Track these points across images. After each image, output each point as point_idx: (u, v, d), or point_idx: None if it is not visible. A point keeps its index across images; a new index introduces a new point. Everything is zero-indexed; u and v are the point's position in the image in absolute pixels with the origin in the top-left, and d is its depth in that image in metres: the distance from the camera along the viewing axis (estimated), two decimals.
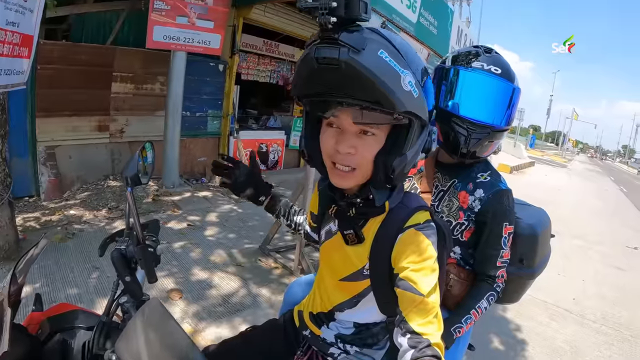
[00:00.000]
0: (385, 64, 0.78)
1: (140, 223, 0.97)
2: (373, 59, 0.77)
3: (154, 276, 0.95)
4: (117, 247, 0.96)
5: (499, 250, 1.39)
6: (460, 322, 1.35)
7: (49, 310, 1.09)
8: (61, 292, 2.86)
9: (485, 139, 1.37)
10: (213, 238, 4.20)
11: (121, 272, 0.94)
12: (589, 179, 22.00)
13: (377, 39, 0.80)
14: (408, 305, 0.87)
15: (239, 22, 6.47)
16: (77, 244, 3.65)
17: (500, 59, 1.40)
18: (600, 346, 3.31)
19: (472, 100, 1.36)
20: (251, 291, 3.23)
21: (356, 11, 0.74)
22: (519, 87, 1.40)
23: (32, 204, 4.68)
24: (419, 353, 0.79)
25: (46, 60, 4.71)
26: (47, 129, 4.93)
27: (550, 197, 10.63)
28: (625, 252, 6.66)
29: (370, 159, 0.90)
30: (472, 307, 1.37)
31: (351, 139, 0.90)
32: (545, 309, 3.81)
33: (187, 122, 6.24)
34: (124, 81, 5.61)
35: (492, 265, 1.40)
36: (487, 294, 1.39)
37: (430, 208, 1.02)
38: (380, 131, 0.89)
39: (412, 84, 0.82)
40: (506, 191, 1.40)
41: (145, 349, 0.71)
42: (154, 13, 5.00)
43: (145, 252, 0.94)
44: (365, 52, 0.76)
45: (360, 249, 1.02)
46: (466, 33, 11.68)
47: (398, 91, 0.79)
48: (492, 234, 1.39)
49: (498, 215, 1.38)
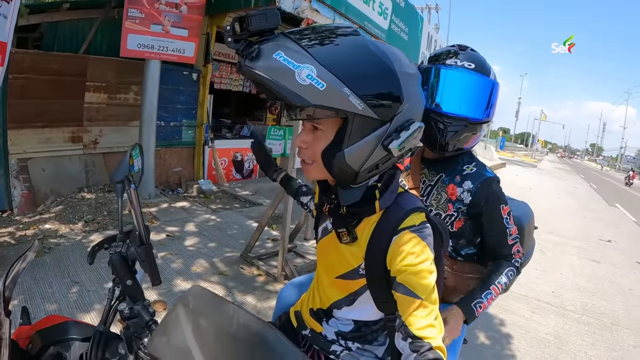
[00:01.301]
0: (278, 64, 0.79)
1: (144, 223, 0.95)
2: (265, 62, 0.79)
3: (158, 278, 0.94)
4: (115, 251, 0.93)
5: (506, 230, 1.43)
6: (481, 297, 1.39)
7: (38, 324, 1.05)
8: (40, 307, 2.77)
9: (462, 131, 1.42)
10: (193, 248, 4.14)
11: (122, 276, 0.91)
12: (559, 177, 22.69)
13: (277, 42, 0.81)
14: (407, 309, 0.88)
15: (212, 31, 6.46)
16: (54, 258, 3.54)
17: (474, 55, 1.44)
18: (583, 335, 3.42)
19: (446, 94, 1.40)
20: (236, 299, 3.19)
21: (250, 27, 0.79)
22: (494, 81, 1.44)
23: (6, 219, 4.53)
24: (420, 357, 0.80)
25: (17, 70, 4.60)
26: (19, 141, 4.80)
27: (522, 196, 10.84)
28: (599, 245, 6.92)
29: (319, 155, 0.92)
30: (492, 282, 1.41)
31: (305, 134, 0.95)
32: (526, 303, 3.92)
33: (162, 132, 6.19)
34: (97, 91, 5.52)
35: (504, 246, 1.45)
36: (506, 270, 1.43)
37: (427, 209, 1.03)
38: (326, 126, 0.90)
39: (312, 77, 0.79)
40: (493, 178, 1.44)
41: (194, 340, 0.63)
42: (128, 21, 4.95)
43: (149, 253, 0.92)
44: (260, 58, 0.79)
45: (355, 248, 1.02)
46: (436, 39, 11.97)
47: (294, 87, 0.78)
48: (493, 220, 1.42)
49: (491, 201, 1.42)
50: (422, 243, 0.93)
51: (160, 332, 0.73)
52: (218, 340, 0.64)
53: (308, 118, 0.91)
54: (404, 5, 8.93)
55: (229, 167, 7.61)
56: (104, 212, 4.83)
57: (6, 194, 4.73)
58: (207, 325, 0.66)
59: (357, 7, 6.97)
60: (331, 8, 6.22)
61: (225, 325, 0.64)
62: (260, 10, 0.80)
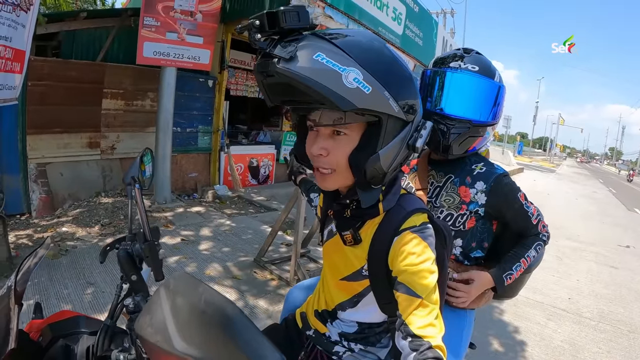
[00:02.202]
0: (322, 66, 0.78)
1: (148, 221, 0.97)
2: (306, 64, 0.77)
3: (161, 274, 0.96)
4: (123, 247, 0.96)
5: (528, 213, 1.46)
6: (511, 269, 1.43)
7: (50, 318, 1.08)
8: (56, 308, 2.83)
9: (465, 133, 1.42)
10: (207, 252, 4.18)
11: (127, 271, 0.94)
12: (578, 182, 22.29)
13: (314, 43, 0.81)
14: (407, 308, 0.88)
15: (227, 38, 6.56)
16: (71, 260, 3.62)
17: (479, 58, 1.44)
18: (599, 343, 3.33)
19: (449, 97, 1.41)
20: (248, 303, 3.21)
21: (282, 23, 0.77)
22: (499, 83, 1.44)
23: (24, 222, 4.65)
24: (420, 356, 0.80)
25: (37, 77, 4.73)
26: (38, 146, 4.93)
27: (540, 202, 10.73)
28: (617, 251, 6.75)
29: (344, 160, 0.91)
30: (521, 255, 1.44)
31: (323, 141, 0.91)
32: (542, 310, 3.84)
33: (178, 138, 6.29)
34: (114, 97, 5.64)
35: (531, 227, 1.47)
36: (534, 244, 1.46)
37: (429, 210, 1.02)
38: (351, 131, 0.90)
39: (358, 80, 0.80)
40: (503, 173, 1.45)
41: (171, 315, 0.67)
42: (144, 29, 5.05)
43: (153, 249, 0.94)
44: (298, 58, 0.77)
45: (359, 250, 1.03)
46: (451, 43, 11.89)
47: (340, 90, 0.79)
48: (515, 211, 1.45)
49: (509, 195, 1.44)
50: (423, 243, 0.93)
51: (144, 312, 0.75)
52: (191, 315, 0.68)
53: (335, 123, 0.88)
54: (418, 10, 8.92)
55: (245, 172, 7.66)
56: (120, 216, 4.91)
57: (25, 198, 4.85)
58: (182, 303, 0.70)
59: (370, 13, 6.98)
60: (344, 14, 6.24)
61: (196, 302, 0.68)
62: (291, 7, 0.77)
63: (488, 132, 1.50)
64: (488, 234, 1.50)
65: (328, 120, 0.89)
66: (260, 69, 0.82)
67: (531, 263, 1.46)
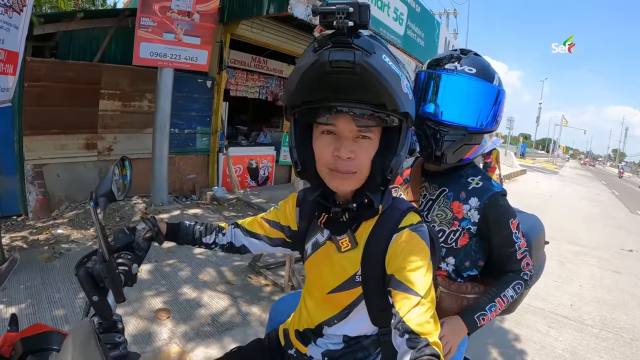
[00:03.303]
0: (390, 68, 0.82)
1: (106, 240, 0.93)
2: (380, 63, 0.80)
3: (121, 295, 0.91)
4: (85, 266, 0.92)
5: (515, 245, 1.36)
6: (485, 309, 1.32)
7: (24, 331, 1.05)
8: (47, 312, 2.80)
9: (460, 141, 1.33)
10: (202, 256, 4.14)
11: (88, 292, 0.90)
12: (581, 184, 22.16)
13: (379, 44, 0.83)
14: (405, 305, 0.86)
15: (226, 38, 6.51)
16: (64, 263, 3.59)
17: (477, 59, 1.36)
18: (601, 351, 3.26)
19: (443, 101, 1.33)
20: (241, 309, 3.17)
21: (366, 17, 0.76)
22: (498, 87, 1.36)
23: (20, 223, 4.62)
24: (417, 353, 0.78)
25: (33, 78, 4.70)
26: (35, 147, 4.90)
27: (542, 204, 10.68)
28: (621, 255, 6.67)
29: (368, 162, 0.92)
30: (497, 295, 1.34)
31: (350, 144, 0.91)
32: (543, 317, 3.77)
33: (176, 139, 6.25)
34: (111, 98, 5.60)
35: (514, 261, 1.37)
36: (513, 283, 1.36)
37: (420, 211, 1.04)
38: (374, 134, 0.92)
39: (408, 87, 0.88)
40: (500, 192, 1.36)
41: None
42: (141, 29, 5.02)
43: (110, 270, 0.89)
44: (375, 56, 0.79)
45: (353, 255, 1.02)
46: (453, 44, 11.83)
47: (400, 93, 0.84)
48: (502, 236, 1.35)
49: (501, 217, 1.34)
50: (422, 242, 0.95)
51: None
52: None
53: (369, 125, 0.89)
54: (420, 10, 8.86)
55: (244, 174, 7.61)
56: (116, 219, 4.88)
57: (21, 199, 4.82)
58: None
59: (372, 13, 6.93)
60: None
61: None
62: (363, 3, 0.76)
63: (485, 139, 1.42)
64: (483, 253, 1.42)
65: (358, 122, 0.88)
66: (336, 57, 0.78)
67: (508, 304, 1.35)
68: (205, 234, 1.24)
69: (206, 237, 1.24)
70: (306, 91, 0.88)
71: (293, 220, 1.20)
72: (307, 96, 0.89)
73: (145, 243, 1.10)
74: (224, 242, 1.26)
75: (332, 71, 0.79)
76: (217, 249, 1.27)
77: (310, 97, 0.89)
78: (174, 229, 1.21)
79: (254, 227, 1.26)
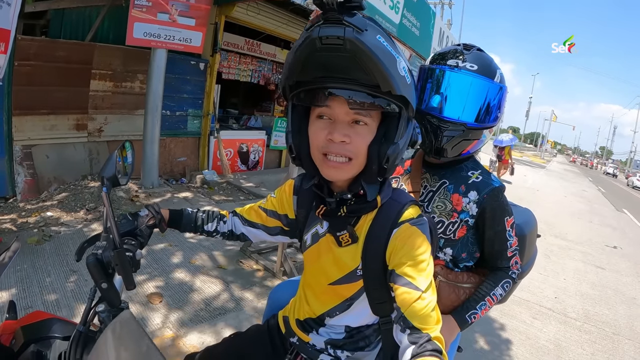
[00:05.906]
0: (383, 47, 0.79)
1: (118, 226, 0.92)
2: (374, 41, 0.77)
3: (132, 283, 0.90)
4: (93, 252, 0.90)
5: (507, 242, 1.39)
6: (475, 308, 1.36)
7: (24, 319, 1.04)
8: (38, 297, 2.76)
9: (459, 136, 1.35)
10: (194, 240, 4.12)
11: (97, 279, 0.88)
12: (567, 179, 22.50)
13: (373, 24, 0.81)
14: (406, 301, 0.86)
15: (220, 21, 6.41)
16: (54, 246, 3.55)
17: (479, 55, 1.37)
18: (583, 344, 3.36)
19: (444, 97, 1.34)
20: (234, 294, 3.18)
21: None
22: (499, 84, 1.37)
23: (8, 205, 4.54)
24: (419, 348, 0.78)
25: (23, 57, 4.58)
26: (24, 128, 4.79)
27: (529, 197, 10.84)
28: (605, 251, 6.83)
29: (364, 149, 0.90)
30: (487, 294, 1.38)
31: (344, 128, 0.89)
32: (528, 308, 3.87)
33: (167, 122, 6.18)
34: (103, 79, 5.49)
35: (504, 258, 1.41)
36: (502, 281, 1.39)
37: (419, 203, 1.03)
38: (371, 120, 0.90)
39: (405, 70, 0.85)
40: (499, 187, 1.38)
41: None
42: (135, 9, 4.91)
43: (122, 258, 0.88)
44: (368, 33, 0.76)
45: (353, 249, 1.01)
46: (447, 35, 11.80)
47: (395, 74, 0.81)
48: (496, 232, 1.38)
49: (497, 213, 1.37)
50: (422, 235, 0.94)
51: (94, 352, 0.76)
52: None
53: (363, 107, 0.86)
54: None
55: (234, 158, 7.58)
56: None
57: (10, 180, 4.73)
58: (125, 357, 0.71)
59: (368, 0, 6.87)
60: None
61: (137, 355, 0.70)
62: None
63: (484, 135, 1.43)
64: (479, 245, 1.44)
65: (352, 104, 0.86)
66: (325, 33, 0.76)
67: (497, 302, 1.40)
68: (207, 221, 1.26)
69: (208, 225, 1.26)
70: (300, 70, 0.86)
71: (290, 208, 1.20)
72: (301, 75, 0.88)
73: (148, 230, 1.11)
74: (224, 230, 1.28)
75: (322, 48, 0.78)
76: (218, 237, 1.29)
77: (304, 76, 0.88)
78: (177, 216, 1.22)
79: (251, 216, 1.27)
